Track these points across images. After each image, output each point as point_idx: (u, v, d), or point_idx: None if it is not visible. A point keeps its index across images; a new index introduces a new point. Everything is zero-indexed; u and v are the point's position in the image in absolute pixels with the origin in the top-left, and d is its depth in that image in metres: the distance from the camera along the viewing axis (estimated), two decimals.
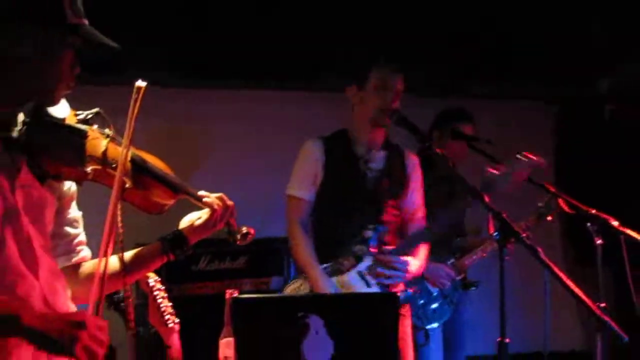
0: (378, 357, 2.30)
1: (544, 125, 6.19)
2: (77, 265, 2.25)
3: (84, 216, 2.30)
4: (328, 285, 3.51)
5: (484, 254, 4.43)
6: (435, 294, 4.28)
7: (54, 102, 1.99)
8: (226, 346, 2.63)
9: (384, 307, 2.36)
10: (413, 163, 3.84)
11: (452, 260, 4.37)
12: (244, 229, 2.40)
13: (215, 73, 5.01)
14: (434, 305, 4.30)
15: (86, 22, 1.98)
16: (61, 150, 2.00)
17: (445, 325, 4.39)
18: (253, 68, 4.95)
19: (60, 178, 2.06)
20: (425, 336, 4.26)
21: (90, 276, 2.22)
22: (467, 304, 4.57)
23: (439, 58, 5.09)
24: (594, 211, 3.54)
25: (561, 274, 2.33)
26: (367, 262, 3.58)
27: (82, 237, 2.30)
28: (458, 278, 4.36)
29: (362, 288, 3.54)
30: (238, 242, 2.39)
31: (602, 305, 3.27)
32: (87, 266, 2.27)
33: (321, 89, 5.34)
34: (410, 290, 3.73)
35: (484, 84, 5.59)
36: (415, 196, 3.84)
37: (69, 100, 2.07)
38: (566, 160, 5.97)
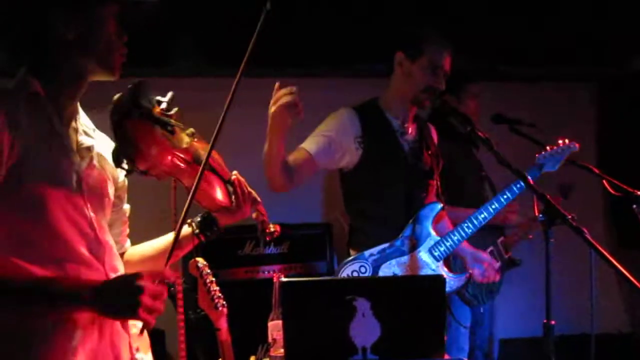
0: (424, 339, 2.32)
1: (585, 106, 6.12)
2: (121, 255, 2.31)
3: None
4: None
5: (529, 236, 4.45)
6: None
7: (114, 72, 2.06)
8: (275, 328, 2.67)
9: (430, 289, 2.38)
10: (435, 134, 3.80)
11: (501, 239, 4.40)
12: (271, 228, 2.51)
13: (235, 61, 4.95)
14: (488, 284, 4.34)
15: None
16: (153, 145, 2.00)
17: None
18: (275, 56, 4.90)
19: (147, 172, 2.06)
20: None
21: (128, 263, 2.31)
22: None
23: (477, 42, 5.06)
24: (639, 192, 3.53)
25: (608, 255, 2.32)
26: (428, 242, 3.51)
27: (127, 229, 2.37)
28: (506, 256, 4.39)
29: (425, 270, 3.48)
30: (267, 238, 2.47)
31: None
32: (128, 253, 2.36)
33: (346, 75, 5.31)
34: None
35: (523, 66, 5.54)
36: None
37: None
38: (609, 141, 5.91)
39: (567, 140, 3.84)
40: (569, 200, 4.32)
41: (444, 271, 3.53)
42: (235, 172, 2.33)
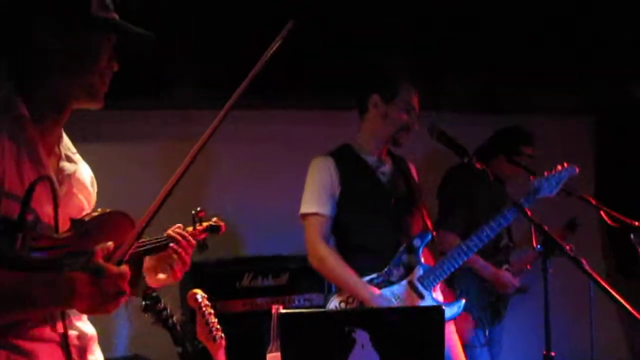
0: None
1: (582, 137, 6.15)
2: None
3: None
4: (381, 298, 3.44)
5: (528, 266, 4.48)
6: (493, 298, 4.40)
7: (97, 100, 2.00)
8: None
9: (429, 319, 2.37)
10: (414, 169, 3.86)
11: (506, 266, 4.42)
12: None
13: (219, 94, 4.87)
14: (494, 308, 4.43)
15: (115, 16, 2.01)
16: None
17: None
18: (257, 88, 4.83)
19: None
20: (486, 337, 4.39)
21: None
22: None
23: (475, 71, 5.09)
24: (637, 223, 3.55)
25: (606, 285, 2.32)
26: (418, 271, 3.53)
27: None
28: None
29: (414, 298, 3.49)
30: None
31: None
32: None
33: (329, 107, 5.31)
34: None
35: (517, 97, 5.56)
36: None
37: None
38: (606, 171, 5.93)
39: (565, 164, 3.80)
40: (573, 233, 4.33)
41: (434, 300, 3.53)
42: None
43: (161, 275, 2.16)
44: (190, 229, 2.46)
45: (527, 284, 4.53)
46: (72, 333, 1.97)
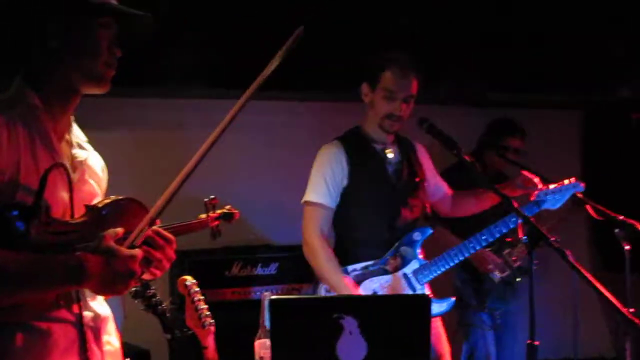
0: (410, 357, 2.35)
1: (570, 132, 6.19)
2: None
3: None
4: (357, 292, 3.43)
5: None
6: (496, 280, 4.39)
7: (101, 85, 2.05)
8: (261, 347, 2.68)
9: (415, 308, 2.41)
10: (422, 151, 3.84)
11: (508, 250, 4.41)
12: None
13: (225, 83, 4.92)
14: (499, 291, 4.47)
15: (114, 1, 2.06)
16: None
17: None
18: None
19: None
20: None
21: None
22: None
23: (466, 69, 5.12)
24: (621, 217, 3.58)
25: (590, 277, 2.36)
26: (413, 265, 3.55)
27: None
28: (516, 265, 4.40)
29: (407, 291, 3.50)
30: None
31: (631, 311, 3.30)
32: None
33: (336, 98, 5.34)
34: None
35: (507, 92, 5.60)
36: (438, 180, 3.89)
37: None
38: (593, 167, 5.98)
39: (572, 179, 3.80)
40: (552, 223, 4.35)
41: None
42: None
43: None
44: (203, 216, 2.49)
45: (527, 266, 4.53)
46: (87, 314, 2.01)
